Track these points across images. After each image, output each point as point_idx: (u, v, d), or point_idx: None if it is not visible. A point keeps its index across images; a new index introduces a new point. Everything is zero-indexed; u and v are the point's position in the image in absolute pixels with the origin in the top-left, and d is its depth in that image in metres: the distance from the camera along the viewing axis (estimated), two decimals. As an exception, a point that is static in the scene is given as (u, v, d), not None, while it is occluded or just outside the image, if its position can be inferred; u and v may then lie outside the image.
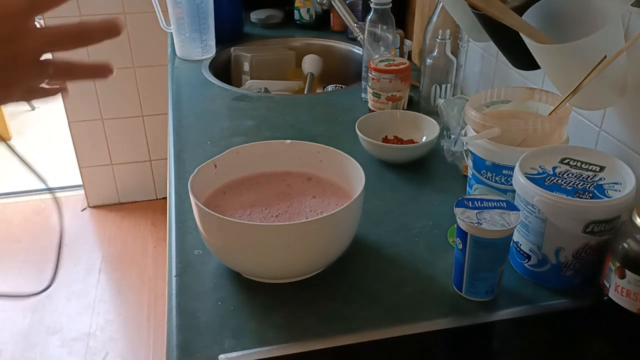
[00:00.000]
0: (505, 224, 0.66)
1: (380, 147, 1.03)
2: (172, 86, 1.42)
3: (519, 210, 0.68)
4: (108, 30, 0.49)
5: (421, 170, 1.01)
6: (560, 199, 0.66)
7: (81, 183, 2.55)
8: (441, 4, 1.12)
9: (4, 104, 0.53)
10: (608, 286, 0.66)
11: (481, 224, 0.66)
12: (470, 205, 0.69)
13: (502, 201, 0.69)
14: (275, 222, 0.75)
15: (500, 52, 0.95)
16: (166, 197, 1.09)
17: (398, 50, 1.25)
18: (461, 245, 0.69)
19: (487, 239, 0.66)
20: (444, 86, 1.14)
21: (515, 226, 0.66)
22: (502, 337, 0.69)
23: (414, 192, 0.94)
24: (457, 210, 0.68)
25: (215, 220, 0.69)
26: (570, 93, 0.74)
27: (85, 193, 2.57)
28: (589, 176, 0.70)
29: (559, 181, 0.70)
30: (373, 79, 1.13)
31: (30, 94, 0.53)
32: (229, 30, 1.68)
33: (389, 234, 0.84)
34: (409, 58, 1.45)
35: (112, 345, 1.90)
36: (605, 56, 0.69)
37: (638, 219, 0.62)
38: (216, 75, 1.47)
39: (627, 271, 0.62)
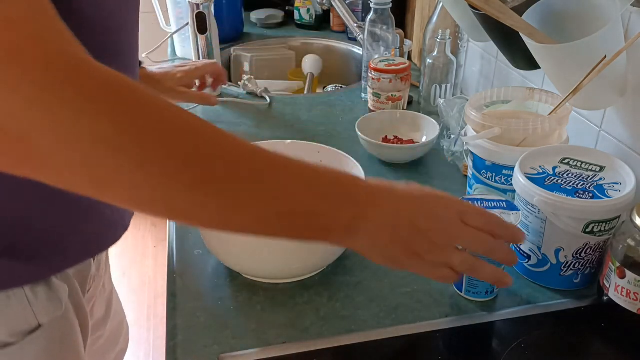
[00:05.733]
0: (505, 224, 0.66)
1: (380, 147, 1.02)
2: (172, 86, 1.42)
3: (519, 210, 0.68)
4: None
5: (421, 170, 1.01)
6: (560, 199, 0.66)
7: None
8: (441, 4, 1.12)
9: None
10: (608, 286, 0.66)
11: (481, 224, 0.66)
12: (470, 205, 0.69)
13: (502, 201, 0.69)
14: (275, 222, 0.75)
15: (500, 52, 0.95)
16: (166, 197, 1.08)
17: (398, 50, 1.25)
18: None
19: (487, 239, 0.66)
20: (444, 86, 1.14)
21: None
22: (502, 337, 0.69)
23: (414, 192, 0.94)
24: (457, 210, 0.68)
25: (215, 220, 0.69)
26: (570, 93, 0.74)
27: (85, 193, 2.57)
28: (589, 176, 0.70)
29: (559, 181, 0.70)
30: (373, 79, 1.13)
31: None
32: (229, 30, 1.68)
33: (389, 234, 0.84)
34: (409, 58, 1.45)
35: (112, 345, 1.90)
36: (605, 56, 0.69)
37: (638, 219, 0.61)
38: (216, 75, 1.46)
39: (627, 271, 0.62)
